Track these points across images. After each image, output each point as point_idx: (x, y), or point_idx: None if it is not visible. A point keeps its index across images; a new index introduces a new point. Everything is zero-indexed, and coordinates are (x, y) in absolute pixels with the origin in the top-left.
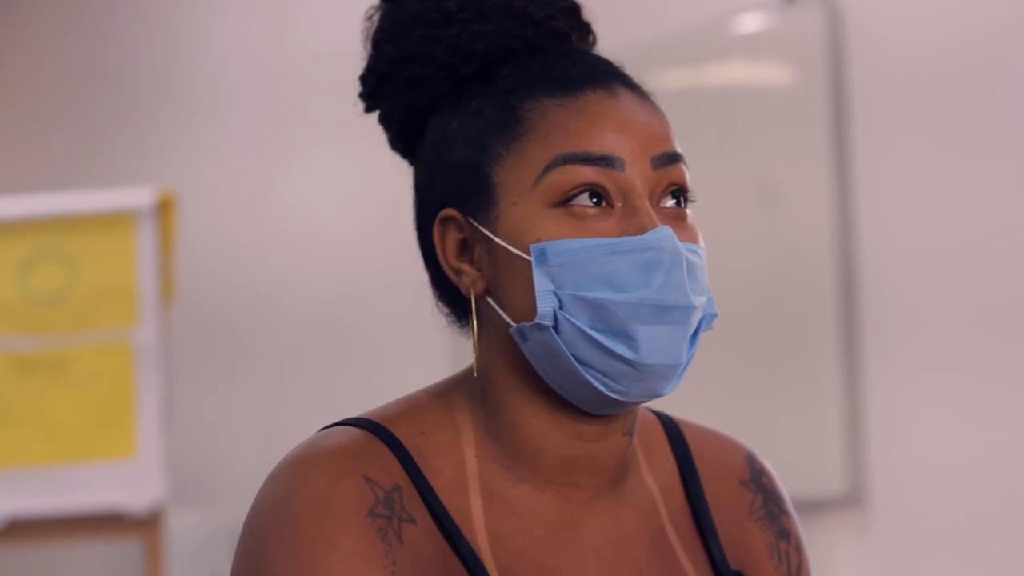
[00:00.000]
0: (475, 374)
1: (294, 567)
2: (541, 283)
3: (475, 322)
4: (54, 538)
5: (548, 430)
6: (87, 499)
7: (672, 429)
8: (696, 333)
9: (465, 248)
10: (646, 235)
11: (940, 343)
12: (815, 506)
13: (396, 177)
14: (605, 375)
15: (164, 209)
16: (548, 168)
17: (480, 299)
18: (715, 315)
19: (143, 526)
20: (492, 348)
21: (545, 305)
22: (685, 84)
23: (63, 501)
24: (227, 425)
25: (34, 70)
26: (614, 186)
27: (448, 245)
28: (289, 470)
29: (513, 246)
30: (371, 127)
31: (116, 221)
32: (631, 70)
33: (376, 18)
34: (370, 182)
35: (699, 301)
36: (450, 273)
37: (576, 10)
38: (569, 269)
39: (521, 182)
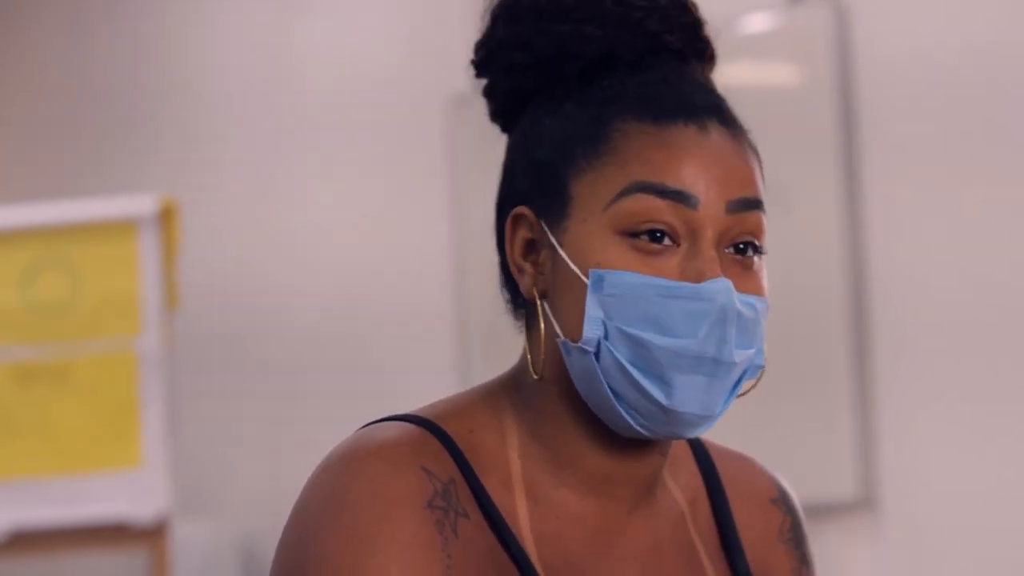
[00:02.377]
0: (534, 375)
1: (352, 556)
2: (592, 309)
3: (543, 325)
4: (59, 549)
5: (590, 440)
6: (92, 510)
7: (699, 448)
8: (737, 384)
9: (532, 248)
10: (702, 285)
11: (952, 348)
12: (826, 510)
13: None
14: (635, 411)
15: (167, 217)
16: (622, 194)
17: (536, 302)
18: (761, 367)
19: (149, 537)
20: (543, 352)
21: (591, 332)
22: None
23: (68, 512)
24: (233, 434)
25: (36, 78)
26: (683, 225)
27: (516, 241)
28: (343, 462)
29: (574, 263)
30: (375, 137)
31: (119, 229)
32: None
33: None
34: (374, 192)
35: (743, 356)
36: (513, 269)
37: (695, 26)
38: (621, 302)
39: (595, 201)
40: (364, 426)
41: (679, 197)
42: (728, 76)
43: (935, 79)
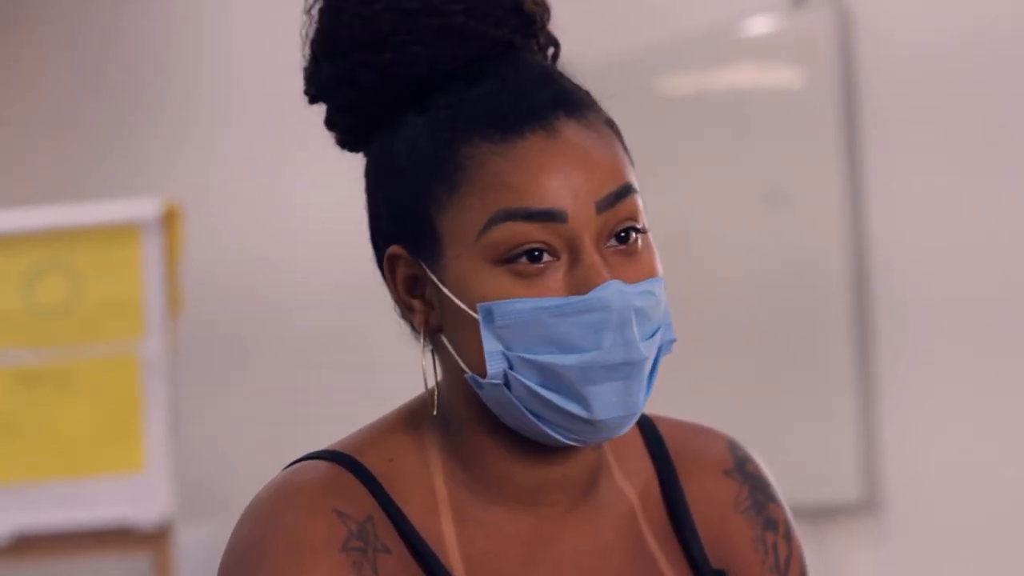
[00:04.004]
0: (434, 412)
1: None
2: (490, 344)
3: (424, 356)
4: (62, 553)
5: (513, 457)
6: (95, 513)
7: (647, 427)
8: (654, 370)
9: (415, 283)
10: (590, 295)
11: (954, 346)
12: (830, 513)
13: None
14: (560, 427)
15: (170, 220)
16: (488, 224)
17: (434, 336)
18: (673, 340)
19: (151, 540)
20: (451, 379)
21: (495, 367)
22: (694, 87)
23: (70, 516)
24: (235, 437)
25: (37, 81)
26: (558, 239)
27: (399, 280)
28: (261, 510)
29: (460, 300)
30: None
31: (121, 233)
32: (640, 74)
33: (315, 20)
34: None
35: (651, 346)
36: (402, 307)
37: (517, 11)
38: (516, 331)
39: (464, 235)
40: (288, 465)
41: (547, 216)
42: (731, 79)
43: (937, 81)
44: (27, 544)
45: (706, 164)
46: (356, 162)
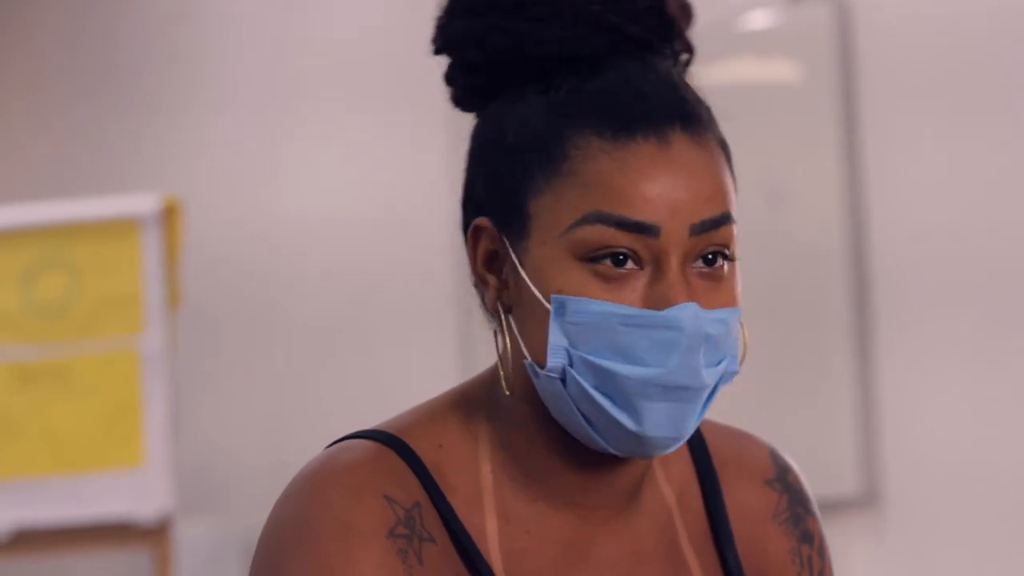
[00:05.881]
0: (506, 391)
1: None
2: (555, 337)
3: (505, 341)
4: (62, 549)
5: (564, 455)
6: (94, 509)
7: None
8: (710, 398)
9: (495, 259)
10: (667, 312)
11: (954, 340)
12: (829, 506)
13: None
14: (607, 435)
15: (169, 215)
16: (580, 221)
17: (502, 315)
18: (735, 372)
19: (151, 536)
20: (512, 364)
21: (556, 360)
22: (693, 81)
23: (70, 511)
24: (235, 433)
25: (35, 76)
26: (646, 251)
27: (479, 253)
28: (305, 488)
29: (536, 287)
30: (377, 134)
31: (120, 228)
32: None
33: None
34: (378, 187)
35: (713, 374)
36: (477, 279)
37: (659, 9)
38: (585, 330)
39: (554, 224)
40: (332, 443)
41: (639, 228)
42: (730, 73)
43: (936, 76)
44: (27, 540)
45: None
46: (358, 160)
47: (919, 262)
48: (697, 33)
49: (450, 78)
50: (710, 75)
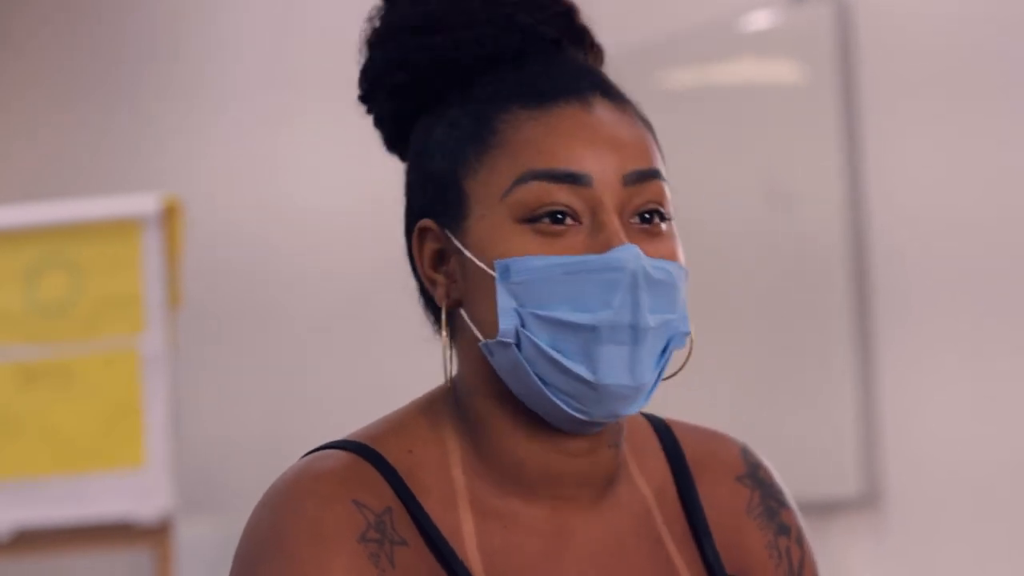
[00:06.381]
0: (449, 385)
1: None
2: (504, 300)
3: (445, 334)
4: (63, 548)
5: (529, 445)
6: (95, 509)
7: (663, 431)
8: (664, 352)
9: (441, 259)
10: (608, 254)
11: (955, 340)
12: (830, 508)
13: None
14: (567, 394)
15: (170, 216)
16: (516, 183)
17: (454, 311)
18: (687, 333)
19: (152, 535)
20: (469, 361)
21: (507, 323)
22: (694, 82)
23: (71, 511)
24: (236, 432)
25: (36, 76)
26: (581, 203)
27: (425, 255)
28: (278, 498)
29: (480, 260)
30: (377, 135)
31: (122, 228)
32: (639, 69)
33: (374, 21)
34: (380, 187)
35: (659, 320)
36: (426, 283)
37: (569, 14)
38: (531, 287)
39: (490, 195)
40: (306, 454)
41: (572, 179)
42: (731, 74)
43: (937, 75)
44: (28, 540)
45: (706, 158)
46: (360, 159)
47: (920, 262)
48: (697, 33)
49: (378, 120)
50: (710, 75)
